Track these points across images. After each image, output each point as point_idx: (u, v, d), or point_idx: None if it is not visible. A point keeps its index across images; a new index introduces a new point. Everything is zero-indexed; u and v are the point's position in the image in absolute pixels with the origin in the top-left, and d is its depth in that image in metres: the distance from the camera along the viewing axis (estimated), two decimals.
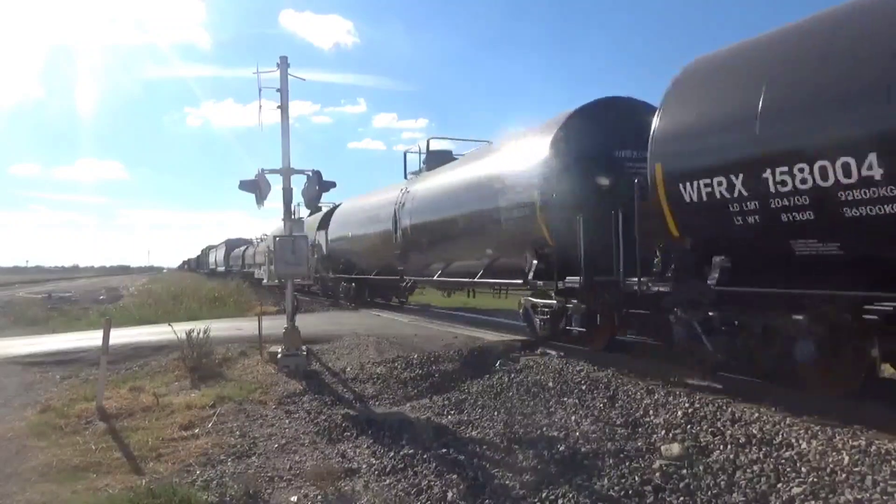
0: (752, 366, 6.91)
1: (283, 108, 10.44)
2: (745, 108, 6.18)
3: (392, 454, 5.80)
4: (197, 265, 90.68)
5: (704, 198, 6.56)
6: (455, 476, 5.12)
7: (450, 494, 4.80)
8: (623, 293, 8.17)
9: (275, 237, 10.54)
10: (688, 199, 6.77)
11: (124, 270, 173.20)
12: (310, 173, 10.43)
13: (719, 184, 6.36)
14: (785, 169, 5.73)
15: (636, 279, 7.72)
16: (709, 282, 6.74)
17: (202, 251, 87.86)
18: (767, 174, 5.87)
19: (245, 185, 10.21)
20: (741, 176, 6.15)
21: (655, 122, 7.37)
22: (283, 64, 10.40)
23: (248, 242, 47.85)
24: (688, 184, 6.73)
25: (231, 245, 55.28)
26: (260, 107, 10.56)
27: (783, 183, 5.77)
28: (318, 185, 10.42)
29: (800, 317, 6.04)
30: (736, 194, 6.22)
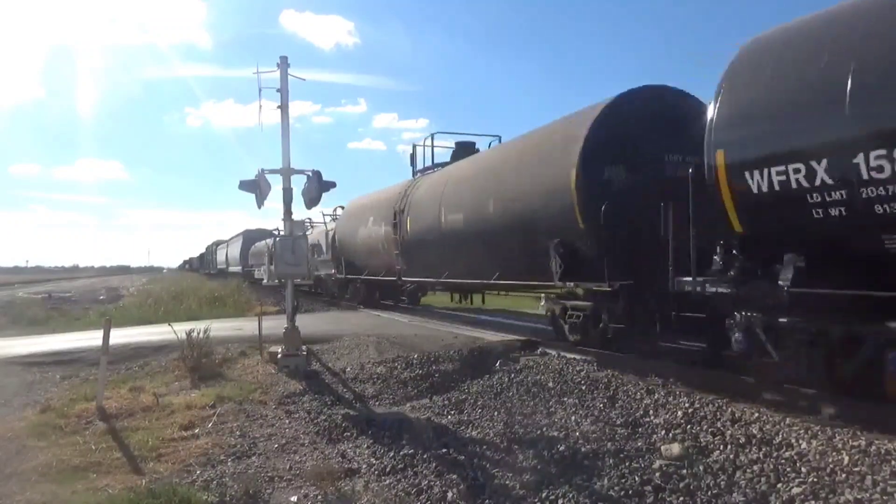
0: (825, 379, 6.04)
1: (283, 108, 10.45)
2: (830, 87, 5.44)
3: (392, 454, 5.79)
4: (200, 265, 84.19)
5: (777, 188, 5.82)
6: (455, 476, 5.11)
7: (450, 494, 4.79)
8: (672, 294, 7.43)
9: (276, 237, 10.52)
10: (755, 190, 6.03)
11: (124, 270, 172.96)
12: (310, 173, 10.42)
13: (796, 171, 5.59)
14: (882, 153, 4.94)
15: (690, 279, 6.97)
16: (780, 282, 5.94)
17: (207, 248, 78.31)
18: (859, 159, 5.11)
19: (245, 186, 10.21)
20: (824, 162, 5.37)
21: (713, 107, 6.66)
22: (284, 64, 10.41)
23: (274, 234, 38.27)
24: (756, 172, 6.00)
25: (250, 238, 43.05)
26: (260, 107, 10.58)
27: (879, 169, 4.98)
28: (318, 185, 10.41)
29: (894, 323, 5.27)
30: (817, 183, 5.46)
